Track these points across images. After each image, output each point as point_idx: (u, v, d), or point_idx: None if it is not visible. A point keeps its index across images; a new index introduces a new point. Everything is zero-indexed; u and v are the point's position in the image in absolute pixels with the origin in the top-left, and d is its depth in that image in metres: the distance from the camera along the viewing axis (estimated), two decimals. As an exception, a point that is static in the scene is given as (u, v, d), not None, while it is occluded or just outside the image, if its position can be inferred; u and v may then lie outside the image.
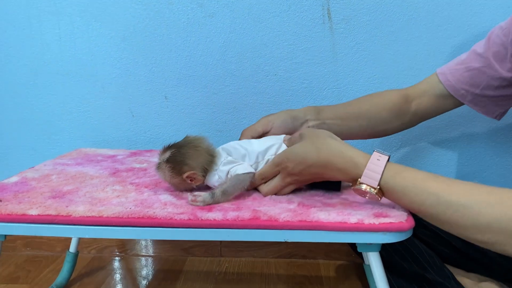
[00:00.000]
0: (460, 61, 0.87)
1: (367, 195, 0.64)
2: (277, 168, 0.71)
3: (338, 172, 0.65)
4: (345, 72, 1.09)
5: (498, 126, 1.10)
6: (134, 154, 1.03)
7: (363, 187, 0.62)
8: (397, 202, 0.64)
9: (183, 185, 0.74)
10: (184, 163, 0.71)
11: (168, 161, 0.72)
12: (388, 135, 0.96)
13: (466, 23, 1.05)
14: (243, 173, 0.71)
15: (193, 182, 0.72)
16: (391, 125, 0.93)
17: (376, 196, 0.62)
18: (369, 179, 0.62)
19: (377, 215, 0.62)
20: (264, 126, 0.85)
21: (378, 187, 0.62)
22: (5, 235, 0.71)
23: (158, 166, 0.73)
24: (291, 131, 0.84)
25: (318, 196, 0.72)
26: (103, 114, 1.16)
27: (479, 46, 0.85)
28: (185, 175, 0.71)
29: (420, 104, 0.92)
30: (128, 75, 1.14)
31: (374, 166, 0.62)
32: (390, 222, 0.60)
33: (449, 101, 0.90)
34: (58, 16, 1.11)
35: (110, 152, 1.05)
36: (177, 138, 0.77)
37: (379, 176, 0.61)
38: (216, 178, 0.72)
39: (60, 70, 1.14)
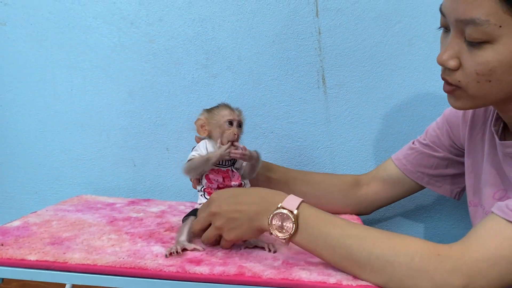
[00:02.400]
0: (410, 147, 0.95)
1: (283, 223, 0.67)
2: (209, 213, 0.74)
3: (261, 199, 0.71)
4: (338, 133, 1.15)
5: None
6: (132, 203, 1.07)
7: (283, 211, 0.67)
8: (307, 233, 0.68)
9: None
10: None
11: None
12: (338, 214, 0.92)
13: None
14: None
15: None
16: (338, 204, 0.98)
17: (292, 225, 0.67)
18: (289, 203, 0.68)
19: (355, 277, 0.65)
20: None
21: (296, 211, 0.67)
22: (3, 279, 0.75)
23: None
24: None
25: (302, 254, 0.75)
26: (106, 163, 1.22)
27: (421, 137, 0.95)
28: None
29: (368, 189, 1.00)
30: (133, 127, 1.20)
31: (294, 198, 0.70)
32: (367, 285, 0.63)
33: (407, 185, 0.96)
34: (71, 70, 1.19)
35: (109, 200, 1.10)
36: (176, 188, 0.82)
37: (299, 202, 0.68)
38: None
39: (68, 119, 1.21)
